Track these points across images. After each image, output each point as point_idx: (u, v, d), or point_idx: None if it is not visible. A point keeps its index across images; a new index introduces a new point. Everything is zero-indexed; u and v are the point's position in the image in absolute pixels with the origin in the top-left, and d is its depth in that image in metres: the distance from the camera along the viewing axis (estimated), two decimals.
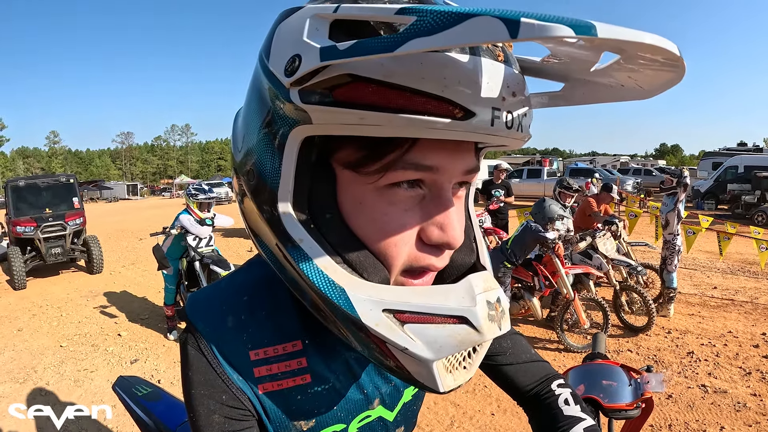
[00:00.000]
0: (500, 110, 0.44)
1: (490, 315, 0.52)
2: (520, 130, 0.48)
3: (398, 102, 0.41)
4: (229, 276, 0.74)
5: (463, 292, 0.51)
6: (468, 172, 0.55)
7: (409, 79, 0.41)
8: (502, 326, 0.54)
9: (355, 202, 0.51)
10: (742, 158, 19.70)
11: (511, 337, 0.91)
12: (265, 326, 0.66)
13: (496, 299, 0.54)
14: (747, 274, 8.06)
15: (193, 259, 5.26)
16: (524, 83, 0.49)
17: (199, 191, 5.50)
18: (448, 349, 0.50)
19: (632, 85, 0.48)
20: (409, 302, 0.49)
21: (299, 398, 0.67)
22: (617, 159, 39.11)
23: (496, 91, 0.44)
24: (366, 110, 0.42)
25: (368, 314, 0.49)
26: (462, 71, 0.42)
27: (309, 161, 0.50)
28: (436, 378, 0.51)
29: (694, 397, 3.84)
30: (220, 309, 0.67)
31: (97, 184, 38.09)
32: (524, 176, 21.17)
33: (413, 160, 0.48)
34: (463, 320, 0.50)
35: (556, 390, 0.85)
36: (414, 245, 0.53)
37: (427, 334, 0.49)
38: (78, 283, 8.75)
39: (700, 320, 5.62)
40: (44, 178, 10.05)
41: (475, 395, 3.96)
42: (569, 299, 4.76)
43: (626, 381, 1.03)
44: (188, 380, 0.65)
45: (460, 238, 0.54)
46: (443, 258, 0.56)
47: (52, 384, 4.49)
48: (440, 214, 0.52)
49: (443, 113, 0.41)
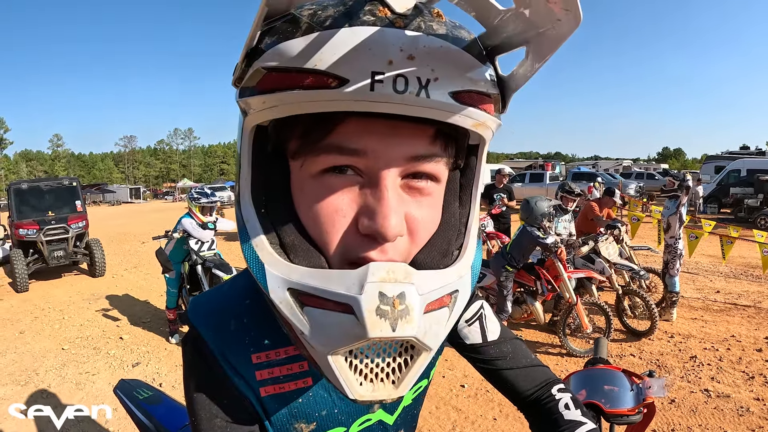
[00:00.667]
0: (383, 74, 0.42)
1: (380, 309, 0.45)
2: (425, 96, 0.43)
3: (287, 82, 0.44)
4: (231, 280, 0.74)
5: (356, 278, 0.46)
6: (415, 158, 0.51)
7: (294, 60, 0.43)
8: (398, 327, 0.45)
9: (297, 190, 0.53)
10: (744, 162, 19.65)
11: (512, 342, 0.91)
12: (267, 330, 0.66)
13: (397, 294, 0.46)
14: (750, 278, 8.04)
15: (195, 262, 5.27)
16: (442, 48, 0.44)
17: (201, 195, 5.50)
18: (334, 340, 0.47)
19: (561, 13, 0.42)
20: (307, 283, 0.48)
21: (301, 401, 0.68)
22: (620, 163, 39.09)
23: (378, 55, 0.42)
24: (266, 94, 0.46)
25: (276, 291, 0.49)
26: (336, 42, 0.42)
27: (265, 151, 0.54)
28: (338, 377, 0.48)
29: (697, 401, 3.82)
30: (223, 313, 0.67)
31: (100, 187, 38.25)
32: (527, 180, 21.11)
33: (336, 143, 0.48)
34: (348, 309, 0.46)
35: (557, 395, 0.85)
36: (347, 234, 0.51)
37: (319, 321, 0.47)
38: (80, 286, 8.77)
39: (702, 324, 5.60)
40: (47, 181, 10.11)
41: (477, 400, 3.95)
42: (572, 303, 4.75)
43: (628, 386, 1.03)
44: (190, 384, 0.66)
45: (393, 228, 0.48)
46: (384, 252, 0.50)
47: (54, 387, 4.50)
48: (373, 201, 0.49)
49: (319, 84, 0.43)
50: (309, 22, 0.44)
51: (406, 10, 0.45)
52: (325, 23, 0.43)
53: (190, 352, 0.67)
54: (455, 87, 0.45)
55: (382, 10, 0.44)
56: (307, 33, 0.43)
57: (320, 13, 0.44)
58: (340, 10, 0.44)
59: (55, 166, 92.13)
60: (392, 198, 0.49)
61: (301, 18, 0.45)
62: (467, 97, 0.47)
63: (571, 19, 0.42)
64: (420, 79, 0.43)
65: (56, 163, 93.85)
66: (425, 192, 0.54)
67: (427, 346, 0.50)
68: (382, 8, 0.44)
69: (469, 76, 0.47)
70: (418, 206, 0.54)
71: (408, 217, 0.53)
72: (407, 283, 0.47)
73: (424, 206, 0.55)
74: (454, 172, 0.61)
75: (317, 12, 0.44)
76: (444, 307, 0.53)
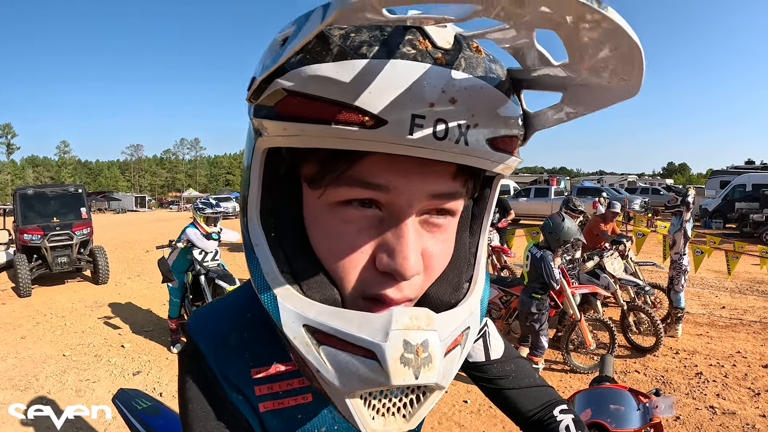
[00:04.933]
0: (425, 118, 0.40)
1: (404, 357, 0.44)
2: (463, 143, 0.42)
3: (312, 112, 0.41)
4: (233, 292, 0.73)
5: (379, 324, 0.45)
6: (437, 196, 0.49)
7: (323, 89, 0.40)
8: (421, 375, 0.45)
9: (311, 217, 0.51)
10: (749, 176, 19.55)
11: (515, 361, 0.90)
12: (267, 344, 0.65)
13: (421, 341, 0.45)
14: (756, 293, 7.97)
15: (198, 273, 5.27)
16: (483, 91, 0.42)
17: (206, 205, 5.51)
18: (354, 383, 0.46)
19: (616, 80, 0.41)
20: (325, 322, 0.46)
21: (300, 417, 0.67)
22: (625, 178, 38.94)
23: (420, 96, 0.39)
24: (288, 121, 0.42)
25: (290, 325, 0.48)
26: (374, 76, 0.39)
27: (277, 174, 0.51)
28: (353, 415, 0.48)
29: (702, 418, 3.77)
30: (223, 326, 0.67)
31: (106, 195, 38.35)
32: (532, 195, 20.99)
33: (359, 177, 0.46)
34: (371, 355, 0.45)
35: (558, 416, 0.84)
36: (366, 270, 0.49)
37: (338, 361, 0.46)
38: (83, 293, 8.77)
39: (708, 340, 5.54)
40: (53, 187, 10.16)
41: (480, 416, 3.91)
42: (575, 320, 4.71)
43: (634, 405, 1.01)
44: (185, 398, 0.64)
45: (412, 268, 0.47)
46: (400, 290, 0.49)
47: (54, 393, 4.48)
48: (393, 239, 0.48)
49: (353, 121, 0.40)
50: (341, 45, 0.40)
51: (447, 44, 0.42)
52: (359, 50, 0.40)
53: (188, 365, 0.65)
54: (492, 134, 0.44)
55: (423, 41, 0.41)
56: (339, 59, 0.40)
57: (354, 37, 0.40)
58: (376, 36, 0.41)
59: (61, 173, 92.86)
60: (412, 236, 0.48)
61: (332, 38, 0.41)
62: (501, 142, 0.46)
63: (624, 89, 0.41)
64: (460, 126, 0.41)
65: (63, 169, 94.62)
66: (442, 228, 0.53)
67: (442, 386, 0.50)
68: (422, 39, 0.41)
69: (504, 120, 0.45)
70: (434, 241, 0.53)
71: (424, 252, 0.52)
72: (429, 330, 0.47)
73: (440, 241, 0.54)
74: (468, 201, 0.60)
75: (350, 35, 0.41)
76: (458, 346, 0.53)
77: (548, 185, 22.45)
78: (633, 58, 0.37)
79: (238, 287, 0.74)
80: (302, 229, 0.52)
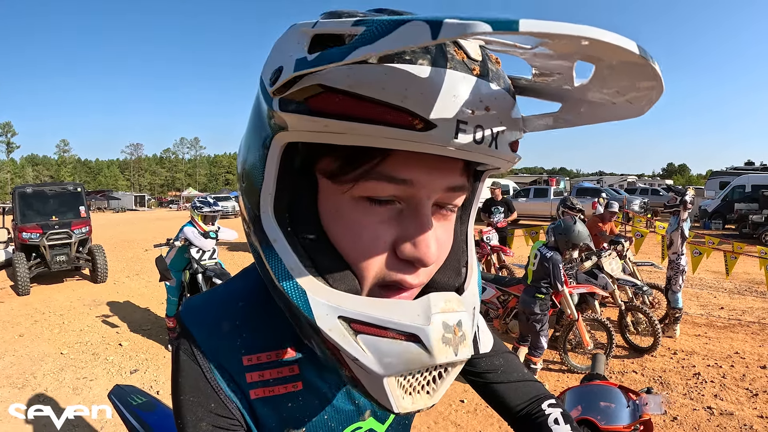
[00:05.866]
0: (467, 124, 0.43)
1: (445, 337, 0.49)
2: (494, 147, 0.46)
3: (359, 111, 0.42)
4: (226, 283, 0.74)
5: (419, 310, 0.49)
6: (451, 189, 0.53)
7: (371, 90, 0.41)
8: (459, 352, 0.51)
9: (332, 211, 0.52)
10: (749, 177, 19.53)
11: (504, 356, 0.90)
12: (259, 332, 0.66)
13: (456, 322, 0.51)
14: (754, 294, 7.97)
15: (196, 271, 5.27)
16: (507, 100, 0.47)
17: (203, 204, 5.52)
18: (398, 366, 0.48)
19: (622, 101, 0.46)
20: (364, 312, 0.49)
21: (290, 405, 0.67)
22: (624, 179, 38.94)
23: (464, 103, 0.43)
24: (330, 119, 0.43)
25: (323, 318, 0.49)
26: (425, 82, 0.41)
27: (292, 168, 0.51)
28: (388, 396, 0.50)
29: (700, 419, 3.77)
30: (215, 314, 0.68)
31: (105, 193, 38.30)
32: (531, 195, 20.99)
33: (387, 172, 0.48)
34: (414, 338, 0.48)
35: (547, 410, 0.84)
36: (387, 259, 0.52)
37: (379, 348, 0.48)
38: (81, 292, 8.78)
39: (706, 341, 5.55)
40: (52, 185, 10.17)
41: (477, 415, 3.91)
42: (573, 319, 4.71)
43: (624, 402, 1.02)
44: (178, 386, 0.65)
45: (433, 256, 0.52)
46: (418, 275, 0.54)
47: (51, 391, 4.48)
48: (415, 229, 0.51)
49: (403, 124, 0.42)
50: None
51: (478, 56, 0.46)
52: (403, 55, 0.42)
53: (180, 352, 0.66)
54: (512, 138, 0.49)
55: (459, 52, 0.44)
56: (383, 60, 0.41)
57: None
58: None
59: (61, 171, 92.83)
60: (434, 227, 0.53)
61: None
62: (516, 145, 0.51)
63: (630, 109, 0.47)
64: (493, 132, 0.46)
65: (62, 168, 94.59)
66: (449, 218, 0.58)
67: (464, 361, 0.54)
68: (458, 50, 0.44)
69: (519, 126, 0.50)
70: (443, 230, 0.57)
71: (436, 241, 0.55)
72: (461, 311, 0.53)
73: (447, 230, 0.58)
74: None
75: None
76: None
77: (548, 185, 22.45)
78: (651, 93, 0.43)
79: (231, 278, 0.75)
80: (318, 222, 0.53)
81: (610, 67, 0.43)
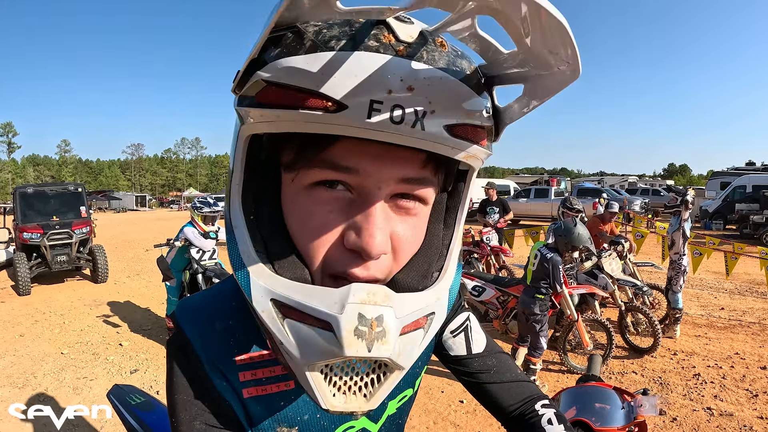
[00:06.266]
0: (382, 104, 0.43)
1: (358, 330, 0.46)
2: (420, 128, 0.44)
3: (285, 99, 0.44)
4: (220, 283, 0.75)
5: (337, 297, 0.48)
6: (406, 180, 0.52)
7: (295, 79, 0.44)
8: (373, 348, 0.47)
9: (288, 201, 0.54)
10: (750, 178, 19.53)
11: (497, 356, 0.90)
12: (251, 331, 0.67)
13: (375, 316, 0.47)
14: (755, 294, 7.97)
15: (196, 271, 5.28)
16: (443, 81, 0.45)
17: (203, 204, 5.54)
18: (313, 354, 0.48)
19: (560, 63, 0.44)
20: (289, 297, 0.49)
21: (282, 404, 0.68)
22: (625, 179, 38.85)
23: (379, 84, 0.43)
24: (265, 108, 0.46)
25: (259, 300, 0.50)
26: (338, 66, 0.43)
27: (258, 160, 0.54)
28: (313, 389, 0.49)
29: (700, 420, 3.77)
30: (209, 313, 0.68)
31: (106, 194, 38.28)
32: (532, 196, 20.94)
33: (329, 159, 0.49)
34: (327, 327, 0.47)
35: (540, 410, 0.85)
36: (334, 248, 0.52)
37: (299, 333, 0.48)
38: (82, 292, 8.79)
39: (706, 342, 5.55)
40: (53, 186, 10.19)
41: (476, 416, 3.92)
42: (572, 320, 4.70)
43: (619, 404, 1.02)
44: (172, 385, 0.66)
45: (377, 246, 0.50)
46: (367, 268, 0.52)
47: (51, 390, 4.50)
48: (361, 218, 0.51)
49: (318, 107, 0.43)
50: (313, 40, 0.44)
51: (410, 38, 0.45)
52: (329, 43, 0.43)
53: (174, 352, 0.67)
54: (450, 120, 0.46)
55: (387, 36, 0.44)
56: (311, 51, 0.43)
57: (325, 32, 0.44)
58: (345, 31, 0.44)
59: (62, 172, 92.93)
60: (380, 216, 0.51)
61: (306, 34, 0.45)
62: (461, 130, 0.48)
63: (569, 73, 0.45)
64: (417, 111, 0.44)
65: (63, 168, 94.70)
66: (412, 212, 0.55)
67: (400, 365, 0.52)
68: (387, 34, 0.45)
69: (466, 109, 0.47)
70: (404, 225, 0.55)
71: (393, 235, 0.54)
72: (386, 306, 0.49)
73: (409, 226, 0.56)
74: (442, 194, 0.62)
75: (322, 30, 0.44)
76: (419, 328, 0.54)
77: (548, 186, 22.42)
78: (562, 36, 0.40)
79: (225, 278, 0.76)
80: (280, 213, 0.55)
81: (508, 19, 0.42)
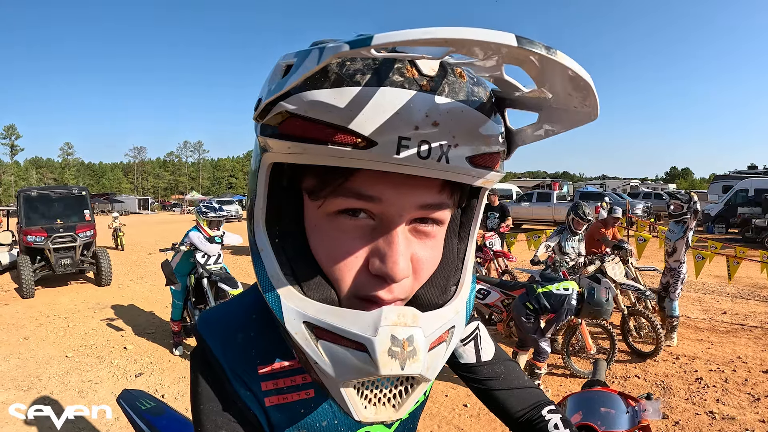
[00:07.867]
0: (410, 140, 0.45)
1: (391, 351, 0.49)
2: (445, 161, 0.47)
3: (313, 133, 0.46)
4: (240, 296, 0.78)
5: (370, 321, 0.51)
6: (426, 207, 0.54)
7: (321, 113, 0.45)
8: (406, 366, 0.50)
9: (312, 226, 0.56)
10: (752, 181, 19.51)
11: (505, 363, 0.93)
12: (272, 343, 0.69)
13: (406, 337, 0.51)
14: (757, 298, 7.96)
15: (201, 276, 5.29)
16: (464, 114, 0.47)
17: (209, 209, 5.56)
18: (348, 373, 0.51)
19: (580, 106, 0.47)
20: (323, 320, 0.52)
21: (303, 412, 0.71)
22: (627, 183, 38.84)
23: (406, 120, 0.44)
24: (291, 141, 0.47)
25: (291, 322, 0.53)
26: (365, 102, 0.44)
27: (281, 185, 0.56)
28: (347, 402, 0.53)
29: (702, 423, 3.78)
30: (231, 326, 0.71)
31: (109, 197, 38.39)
32: (534, 200, 20.86)
33: (354, 189, 0.51)
34: (362, 348, 0.50)
35: (547, 416, 0.87)
36: (360, 273, 0.55)
37: (334, 354, 0.51)
38: (86, 295, 8.82)
39: (708, 346, 5.55)
40: (57, 189, 10.20)
41: (480, 420, 3.93)
42: (575, 324, 4.71)
43: (624, 408, 1.04)
44: (197, 395, 0.69)
45: (402, 272, 0.53)
46: (391, 291, 0.54)
47: (56, 393, 4.52)
48: (384, 245, 0.53)
49: (347, 143, 0.45)
50: (338, 73, 0.45)
51: (432, 71, 0.47)
52: (354, 77, 0.45)
53: (199, 364, 0.70)
54: (472, 152, 0.49)
55: (410, 70, 0.46)
56: (336, 85, 0.45)
57: (349, 65, 0.45)
58: (369, 65, 0.45)
59: (65, 174, 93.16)
60: (402, 243, 0.54)
61: (330, 67, 0.46)
62: (481, 159, 0.50)
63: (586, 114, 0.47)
64: (442, 146, 0.46)
65: (66, 171, 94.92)
66: (431, 235, 0.58)
67: (428, 378, 0.55)
68: (410, 68, 0.46)
69: (484, 139, 0.50)
70: (423, 248, 0.58)
71: (413, 258, 0.57)
72: (415, 326, 0.52)
73: (428, 248, 0.59)
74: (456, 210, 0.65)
75: (346, 63, 0.46)
76: (443, 342, 0.57)
77: (551, 190, 22.36)
78: (587, 92, 0.43)
79: (245, 291, 0.79)
80: (303, 236, 0.57)
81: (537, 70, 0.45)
